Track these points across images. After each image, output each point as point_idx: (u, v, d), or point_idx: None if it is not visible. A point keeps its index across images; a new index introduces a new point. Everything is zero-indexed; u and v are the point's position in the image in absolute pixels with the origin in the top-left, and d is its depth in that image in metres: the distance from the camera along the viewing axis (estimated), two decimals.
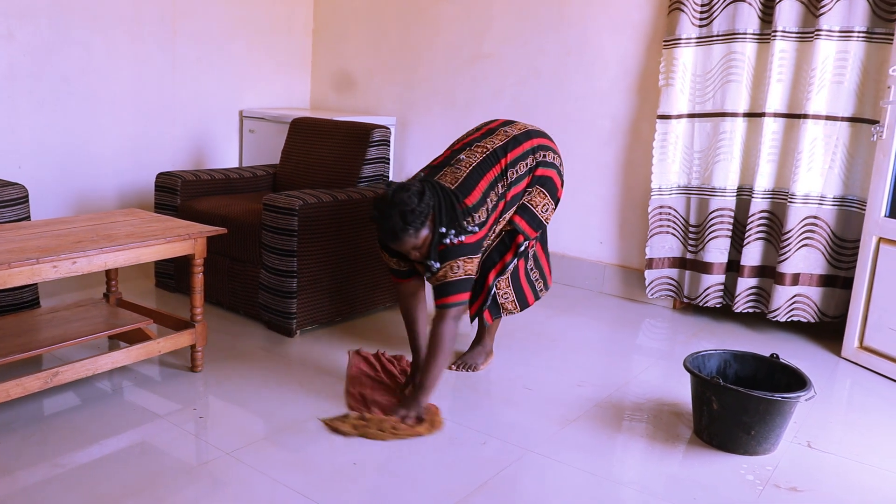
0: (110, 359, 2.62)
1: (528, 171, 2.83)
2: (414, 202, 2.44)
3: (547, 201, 2.91)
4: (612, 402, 2.87)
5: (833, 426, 2.80)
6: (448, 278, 2.60)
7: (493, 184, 2.72)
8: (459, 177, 2.68)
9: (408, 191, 2.47)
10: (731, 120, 3.66)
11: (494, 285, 2.93)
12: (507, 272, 2.93)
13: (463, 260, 2.60)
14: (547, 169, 2.88)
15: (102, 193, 4.39)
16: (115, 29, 4.28)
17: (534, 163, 2.85)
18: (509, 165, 2.77)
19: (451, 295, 2.61)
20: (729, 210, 3.73)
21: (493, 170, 2.74)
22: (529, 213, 2.87)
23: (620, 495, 2.26)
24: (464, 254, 2.60)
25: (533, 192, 2.87)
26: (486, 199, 2.68)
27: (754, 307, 3.75)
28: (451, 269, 2.59)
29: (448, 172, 2.72)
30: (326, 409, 2.67)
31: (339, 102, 5.43)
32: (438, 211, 2.52)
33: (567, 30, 4.29)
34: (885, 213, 3.30)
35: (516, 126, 2.93)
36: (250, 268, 3.46)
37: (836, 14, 3.35)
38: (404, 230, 2.46)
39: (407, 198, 2.45)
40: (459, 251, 2.59)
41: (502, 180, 2.76)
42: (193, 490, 2.14)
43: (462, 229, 2.57)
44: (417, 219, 2.46)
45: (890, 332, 3.25)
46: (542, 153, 2.88)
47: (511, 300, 3.01)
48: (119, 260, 2.54)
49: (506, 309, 3.01)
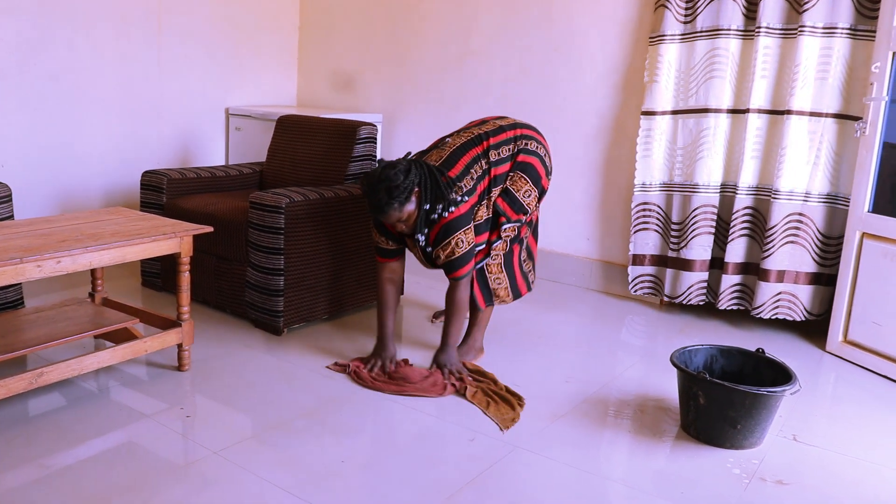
0: (96, 359, 2.60)
1: (510, 155, 3.00)
2: (399, 178, 2.66)
3: (529, 187, 3.02)
4: (600, 398, 2.88)
5: (818, 419, 2.82)
6: (456, 254, 2.83)
7: (475, 159, 2.92)
8: (443, 155, 2.91)
9: (394, 168, 2.69)
10: (715, 116, 3.68)
11: (484, 267, 3.04)
12: (498, 256, 3.05)
13: (463, 232, 2.82)
14: (528, 156, 3.02)
15: (87, 192, 4.37)
16: (100, 26, 4.26)
17: (515, 149, 3.01)
18: (491, 147, 2.96)
19: (461, 268, 2.87)
20: (712, 207, 3.75)
21: (476, 149, 2.95)
22: (510, 196, 3.00)
23: (609, 490, 2.27)
24: (461, 226, 2.82)
25: (515, 178, 3.00)
26: (469, 170, 2.88)
27: (738, 304, 3.77)
28: (456, 244, 2.82)
29: (434, 153, 2.96)
30: (314, 407, 2.67)
31: (326, 100, 5.41)
32: (424, 188, 2.73)
33: (554, 27, 4.30)
34: (869, 208, 3.33)
35: (506, 119, 3.12)
36: (237, 266, 3.45)
37: (820, 11, 3.37)
38: (389, 204, 2.67)
39: (393, 174, 2.66)
40: (456, 225, 2.81)
41: (485, 158, 2.94)
42: (181, 490, 2.14)
43: (450, 202, 2.78)
44: (402, 194, 2.67)
45: (873, 327, 3.27)
46: (525, 142, 3.03)
47: (504, 287, 3.10)
48: (104, 259, 2.53)
49: (498, 296, 3.11)
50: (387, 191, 2.65)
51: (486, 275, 3.05)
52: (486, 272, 3.04)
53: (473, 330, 3.18)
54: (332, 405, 2.69)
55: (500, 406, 2.73)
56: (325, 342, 3.30)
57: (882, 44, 3.23)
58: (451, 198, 2.78)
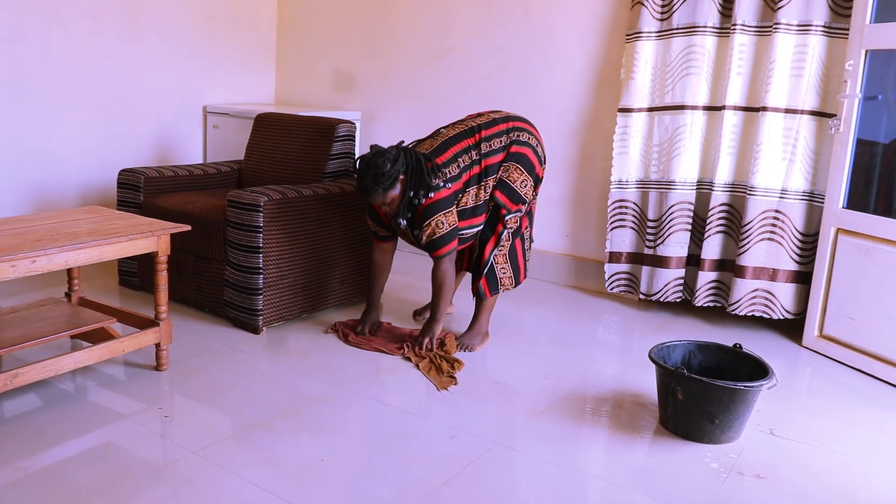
0: (73, 359, 2.58)
1: (502, 147, 3.16)
2: (386, 167, 2.88)
3: (524, 177, 3.18)
4: (579, 395, 2.89)
5: (794, 413, 2.85)
6: (437, 234, 3.03)
7: (466, 150, 3.10)
8: (435, 144, 3.11)
9: (383, 156, 2.90)
10: (691, 113, 3.70)
11: (492, 259, 3.22)
12: (504, 246, 3.24)
13: (443, 214, 3.01)
14: (521, 147, 3.18)
15: (63, 191, 4.32)
16: (75, 23, 4.21)
17: (508, 141, 3.17)
18: (483, 139, 3.14)
19: (442, 247, 3.06)
20: (689, 204, 3.77)
21: (468, 140, 3.13)
22: (508, 188, 3.17)
23: (588, 486, 2.28)
24: (441, 209, 3.01)
25: (510, 169, 3.16)
26: (457, 158, 3.07)
27: (715, 301, 3.80)
28: (436, 225, 3.01)
29: (427, 142, 3.16)
30: (293, 405, 2.66)
31: (304, 97, 5.39)
32: (409, 175, 2.94)
33: (532, 24, 4.31)
34: (843, 204, 3.37)
35: (499, 112, 3.30)
36: (215, 265, 3.43)
37: (794, 8, 3.40)
38: (374, 189, 2.91)
39: (381, 162, 2.88)
40: (436, 207, 3.00)
41: (476, 149, 3.12)
42: (160, 490, 2.12)
43: (430, 188, 2.96)
44: (386, 181, 2.89)
45: (848, 321, 3.31)
46: (517, 133, 3.20)
47: (508, 276, 3.29)
48: (80, 258, 2.51)
49: (503, 284, 3.28)
50: (373, 177, 2.89)
51: (494, 265, 3.23)
52: (494, 264, 3.23)
53: (480, 315, 3.33)
54: (311, 404, 2.69)
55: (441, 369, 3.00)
56: (304, 340, 3.29)
57: (855, 42, 3.27)
58: (434, 184, 2.97)
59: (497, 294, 3.29)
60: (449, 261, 3.11)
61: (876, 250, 3.19)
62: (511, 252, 3.26)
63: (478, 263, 3.25)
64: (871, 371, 3.21)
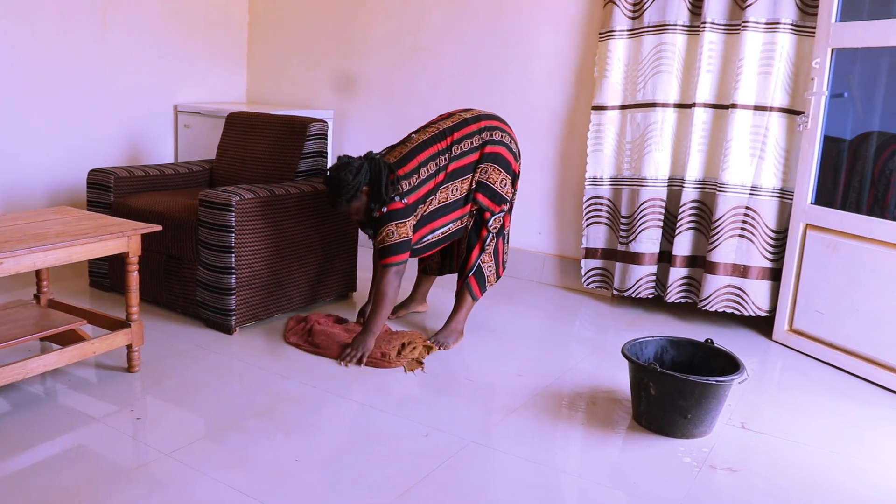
0: (42, 362, 2.54)
1: (474, 147, 3.18)
2: (348, 179, 2.97)
3: (503, 176, 3.22)
4: (553, 391, 2.91)
5: (765, 407, 2.89)
6: (386, 242, 3.04)
7: (434, 156, 3.12)
8: (404, 151, 3.12)
9: (345, 169, 2.99)
10: (662, 110, 3.73)
11: (480, 260, 3.28)
12: (489, 247, 3.29)
13: (395, 224, 3.03)
14: (495, 146, 3.20)
15: (31, 191, 4.26)
16: (42, 21, 4.15)
17: (481, 141, 3.19)
18: (455, 142, 3.16)
19: (391, 256, 3.05)
20: (660, 200, 3.80)
21: (438, 145, 3.14)
22: (489, 190, 3.21)
23: (563, 482, 2.29)
24: (394, 219, 3.03)
25: (488, 170, 3.19)
26: (420, 169, 3.09)
27: (686, 297, 3.83)
28: (387, 234, 3.04)
29: (398, 148, 3.17)
30: (267, 406, 2.65)
31: (276, 96, 5.36)
32: (372, 187, 3.01)
33: (504, 22, 4.32)
34: (812, 200, 3.41)
35: (471, 111, 3.29)
36: (187, 265, 3.40)
37: (762, 6, 3.44)
38: (337, 202, 3.04)
39: (343, 175, 2.98)
40: (389, 217, 3.03)
41: (446, 154, 3.14)
42: (132, 493, 2.10)
43: (386, 200, 3.01)
44: (348, 192, 2.99)
45: (816, 315, 3.36)
46: (490, 133, 3.21)
47: (493, 273, 3.35)
48: (49, 259, 2.48)
49: (489, 282, 3.35)
50: (336, 190, 3.01)
51: (481, 265, 3.28)
52: (481, 264, 3.27)
53: (458, 313, 3.34)
54: (285, 404, 2.68)
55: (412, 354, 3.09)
56: (277, 340, 3.27)
57: (821, 40, 3.32)
58: (388, 197, 3.02)
59: (485, 291, 3.34)
60: (395, 273, 3.07)
61: (843, 245, 3.24)
62: (494, 250, 3.31)
63: (464, 267, 3.30)
64: (839, 364, 3.26)
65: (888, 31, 3.09)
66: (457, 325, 3.34)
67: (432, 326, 3.50)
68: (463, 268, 3.31)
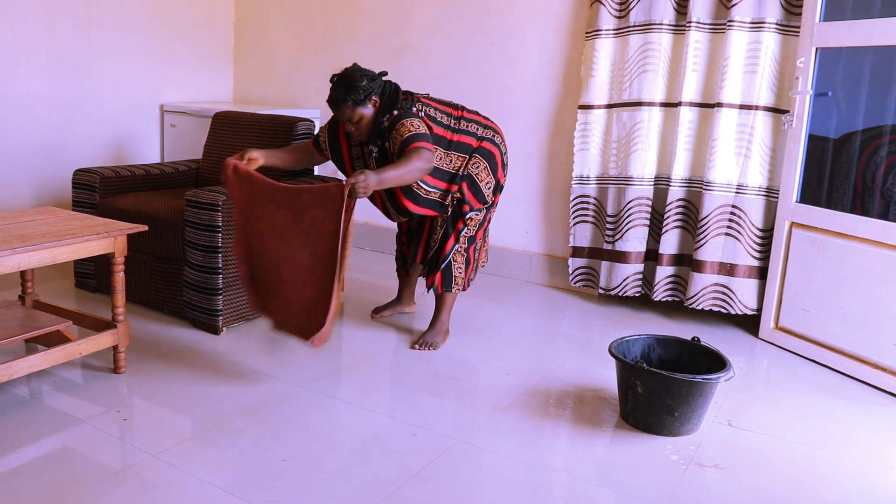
0: (27, 363, 2.53)
1: (475, 135, 3.19)
2: (362, 81, 2.86)
3: (489, 179, 3.20)
4: (540, 390, 2.91)
5: (752, 404, 2.90)
6: (410, 131, 2.88)
7: (447, 116, 3.12)
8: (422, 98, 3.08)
9: (361, 72, 2.90)
10: (648, 109, 3.74)
11: (451, 255, 3.20)
12: (463, 244, 3.21)
13: (410, 120, 2.90)
14: (492, 146, 3.22)
15: (16, 191, 4.23)
16: (26, 20, 4.12)
17: (483, 133, 3.21)
18: (463, 118, 3.18)
19: (419, 141, 2.87)
20: (647, 199, 3.81)
21: (451, 111, 3.16)
22: (475, 186, 3.17)
23: (551, 481, 2.30)
24: (410, 116, 2.92)
25: (479, 166, 3.17)
26: (438, 111, 3.07)
27: (673, 295, 3.84)
28: (410, 125, 2.89)
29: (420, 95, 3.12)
30: (254, 406, 2.64)
31: (263, 95, 5.35)
32: (383, 100, 2.91)
33: (491, 21, 4.32)
34: (797, 198, 3.44)
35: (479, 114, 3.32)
36: (174, 265, 3.39)
37: (747, 6, 3.46)
38: (343, 101, 2.86)
39: (358, 76, 2.88)
40: (404, 115, 2.91)
41: (457, 122, 3.14)
42: (119, 494, 2.10)
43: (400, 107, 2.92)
44: (359, 94, 2.86)
45: (802, 313, 3.38)
46: (492, 132, 3.25)
47: (462, 277, 3.27)
48: (33, 260, 2.46)
49: (456, 284, 3.26)
50: (345, 88, 2.86)
51: (452, 263, 3.21)
52: (452, 261, 3.21)
53: (441, 313, 3.32)
54: (272, 404, 2.67)
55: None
56: (264, 340, 3.27)
57: (805, 40, 3.34)
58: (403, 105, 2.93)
59: (449, 291, 3.25)
60: (427, 159, 2.83)
61: (828, 243, 3.26)
62: (466, 259, 3.26)
63: (436, 258, 3.22)
64: (824, 361, 3.28)
65: (871, 30, 3.11)
66: (442, 324, 3.32)
67: (419, 328, 3.49)
68: (436, 259, 3.21)
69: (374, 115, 2.92)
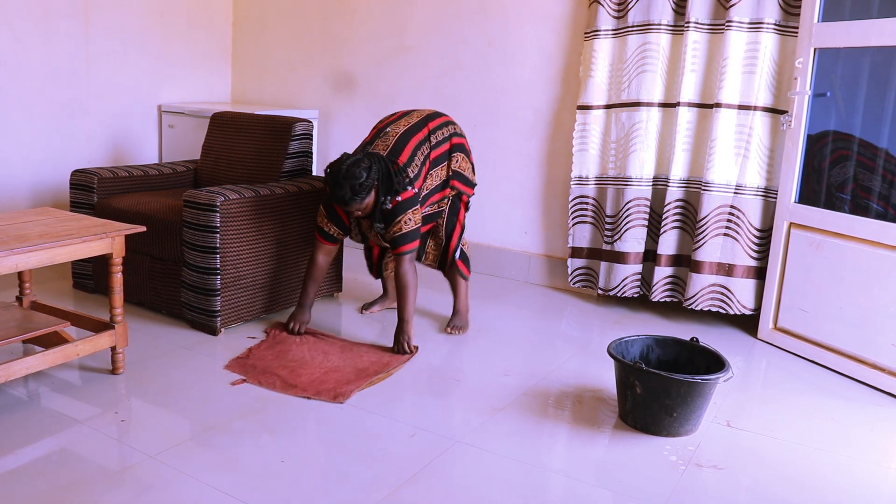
0: (24, 364, 2.52)
1: (445, 138, 3.35)
2: (363, 177, 2.96)
3: (468, 165, 3.45)
4: (539, 391, 2.91)
5: (750, 405, 2.90)
6: (402, 230, 3.11)
7: (420, 144, 3.23)
8: (389, 143, 3.17)
9: (359, 166, 2.96)
10: (647, 110, 3.74)
11: (460, 244, 3.45)
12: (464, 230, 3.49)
13: (411, 212, 3.11)
14: (460, 138, 3.43)
15: (13, 192, 4.23)
16: (23, 21, 4.12)
17: (449, 133, 3.37)
18: (432, 131, 3.30)
19: (407, 244, 3.13)
20: (645, 199, 3.81)
21: (419, 134, 3.25)
22: (463, 177, 3.40)
23: (549, 481, 2.29)
24: (408, 208, 3.10)
25: (459, 160, 3.38)
26: (415, 155, 3.18)
27: (671, 296, 3.84)
28: (404, 223, 3.10)
29: (379, 143, 3.20)
30: (252, 407, 2.64)
31: (260, 96, 5.35)
32: (381, 182, 3.03)
33: (488, 22, 4.32)
34: (795, 199, 3.43)
35: (422, 111, 3.41)
36: (172, 266, 3.38)
37: (746, 6, 3.46)
38: (353, 199, 2.98)
39: (358, 173, 2.95)
40: (404, 206, 3.09)
41: (427, 142, 3.26)
42: (116, 496, 2.09)
43: (397, 191, 3.06)
44: (364, 190, 2.98)
45: (800, 313, 3.38)
46: (453, 126, 3.42)
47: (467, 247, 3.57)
48: (31, 261, 2.46)
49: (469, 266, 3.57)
50: (351, 188, 2.95)
51: (462, 248, 3.48)
52: (463, 247, 3.48)
53: (460, 297, 3.54)
54: (270, 405, 2.67)
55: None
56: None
57: (804, 40, 3.34)
58: (401, 187, 3.08)
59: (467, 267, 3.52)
60: (410, 260, 3.17)
61: (826, 244, 3.26)
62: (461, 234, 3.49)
63: (446, 251, 3.44)
64: (823, 361, 3.28)
65: (869, 31, 3.11)
66: (465, 308, 3.55)
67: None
68: (446, 252, 3.44)
69: (375, 197, 3.05)
